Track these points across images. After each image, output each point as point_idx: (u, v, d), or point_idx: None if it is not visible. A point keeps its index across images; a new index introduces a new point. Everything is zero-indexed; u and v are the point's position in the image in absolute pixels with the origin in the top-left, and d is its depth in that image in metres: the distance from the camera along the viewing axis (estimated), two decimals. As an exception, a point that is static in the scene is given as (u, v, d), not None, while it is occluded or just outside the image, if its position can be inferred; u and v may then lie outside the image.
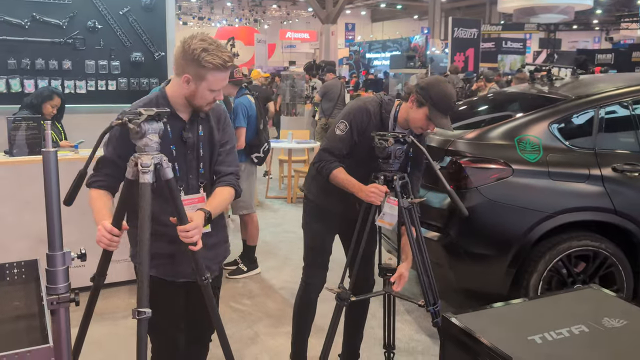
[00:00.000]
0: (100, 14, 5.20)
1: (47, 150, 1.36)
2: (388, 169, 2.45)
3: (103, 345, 3.32)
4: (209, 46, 1.92)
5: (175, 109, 2.04)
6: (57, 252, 1.39)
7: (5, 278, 1.60)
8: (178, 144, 2.04)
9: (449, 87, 2.51)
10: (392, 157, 2.41)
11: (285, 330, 3.59)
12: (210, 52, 1.91)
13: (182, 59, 1.96)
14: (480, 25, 16.28)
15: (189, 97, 2.00)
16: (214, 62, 1.91)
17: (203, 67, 1.92)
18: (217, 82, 1.98)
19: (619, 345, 1.75)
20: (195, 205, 2.05)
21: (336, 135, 2.62)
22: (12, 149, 3.91)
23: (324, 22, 18.66)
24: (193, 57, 1.91)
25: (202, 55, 1.90)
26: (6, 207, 3.79)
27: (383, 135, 2.39)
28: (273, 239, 5.63)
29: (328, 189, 2.72)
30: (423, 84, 2.48)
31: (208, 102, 2.03)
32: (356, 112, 2.61)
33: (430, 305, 2.48)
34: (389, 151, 2.39)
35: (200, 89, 1.97)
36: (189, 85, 1.97)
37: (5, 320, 1.37)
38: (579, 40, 30.81)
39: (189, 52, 1.92)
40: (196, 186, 2.10)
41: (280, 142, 7.59)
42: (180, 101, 2.03)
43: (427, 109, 2.45)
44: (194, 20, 30.62)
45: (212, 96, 2.01)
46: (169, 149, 1.99)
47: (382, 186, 2.41)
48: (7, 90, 4.97)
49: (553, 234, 3.27)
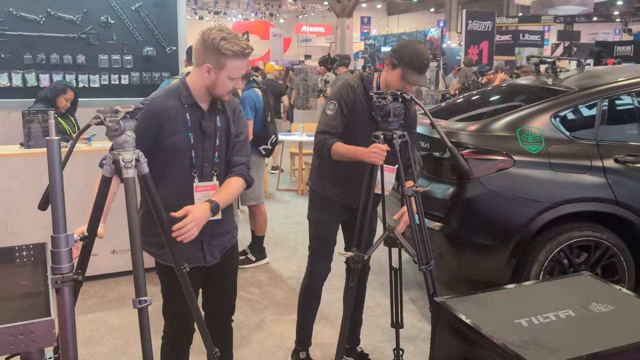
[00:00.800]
0: (113, 9, 5.32)
1: (50, 138, 1.44)
2: (388, 128, 2.44)
3: (120, 331, 3.46)
4: (227, 35, 2.02)
5: (196, 99, 2.13)
6: (61, 234, 1.48)
7: (15, 260, 1.70)
8: (196, 132, 2.13)
9: (420, 46, 2.60)
10: (391, 115, 2.40)
11: (292, 318, 3.69)
12: (229, 40, 2.01)
13: (202, 49, 2.05)
14: (495, 18, 16.14)
15: (210, 86, 2.09)
16: (233, 49, 2.00)
17: (223, 55, 2.01)
18: (237, 70, 2.06)
19: (602, 329, 1.80)
20: (208, 193, 2.14)
21: (328, 115, 2.69)
22: (28, 141, 4.04)
23: (340, 16, 18.63)
24: (213, 45, 2.00)
25: (221, 44, 1.99)
26: (22, 197, 3.93)
27: (381, 94, 2.42)
28: (282, 230, 5.72)
29: (331, 178, 2.78)
30: (395, 46, 2.60)
31: (228, 90, 2.11)
32: (341, 89, 2.70)
33: (422, 264, 2.44)
34: (387, 109, 2.39)
35: (220, 78, 2.06)
36: (209, 74, 2.06)
37: (13, 297, 1.47)
38: (599, 32, 30.34)
39: (208, 42, 2.02)
40: (210, 174, 2.18)
41: (292, 135, 7.66)
42: (200, 91, 2.12)
43: (400, 69, 2.55)
44: (210, 15, 30.79)
45: (231, 85, 2.09)
46: (187, 137, 2.10)
47: (382, 145, 2.40)
48: (23, 84, 5.12)
49: (554, 224, 3.30)
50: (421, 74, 2.57)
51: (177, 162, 2.12)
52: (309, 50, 26.47)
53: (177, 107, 2.11)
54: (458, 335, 1.87)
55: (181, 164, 2.13)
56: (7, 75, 5.05)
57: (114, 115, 1.73)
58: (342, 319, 2.72)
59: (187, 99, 2.12)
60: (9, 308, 1.40)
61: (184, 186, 2.13)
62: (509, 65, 15.98)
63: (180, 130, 2.09)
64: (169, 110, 2.09)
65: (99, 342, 3.30)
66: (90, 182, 1.98)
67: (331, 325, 3.58)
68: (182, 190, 2.12)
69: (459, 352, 1.86)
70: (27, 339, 1.20)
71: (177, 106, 2.11)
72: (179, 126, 2.10)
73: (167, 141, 2.09)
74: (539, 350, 1.66)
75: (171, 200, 2.05)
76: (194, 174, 2.13)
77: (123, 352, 3.21)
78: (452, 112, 4.17)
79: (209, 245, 2.24)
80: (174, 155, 2.11)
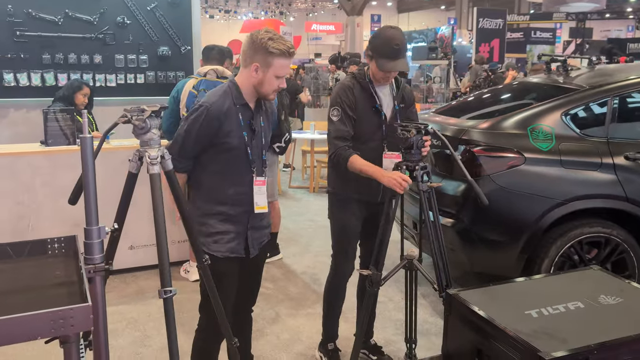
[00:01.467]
0: (129, 10, 5.42)
1: (84, 136, 1.53)
2: (411, 159, 2.53)
3: (139, 324, 3.56)
4: (274, 36, 2.17)
5: (245, 99, 2.26)
6: (94, 226, 1.57)
7: (47, 252, 1.78)
8: (248, 131, 2.26)
9: (389, 31, 2.68)
10: (414, 147, 2.50)
11: (305, 312, 3.77)
12: (276, 40, 2.16)
13: (250, 49, 2.19)
14: (506, 16, 16.10)
15: (257, 84, 2.22)
16: (280, 48, 2.15)
17: (271, 54, 2.15)
18: (283, 68, 2.20)
19: (611, 320, 1.86)
20: (261, 188, 2.32)
21: (334, 122, 2.77)
22: (47, 139, 4.14)
23: (350, 14, 18.65)
24: (261, 45, 2.15)
25: (269, 43, 2.14)
26: (43, 194, 4.03)
27: (405, 126, 2.51)
28: (295, 227, 5.80)
29: (346, 177, 2.84)
30: (370, 38, 2.71)
31: (274, 89, 2.24)
32: (339, 93, 2.79)
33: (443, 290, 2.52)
34: (411, 142, 2.49)
35: (267, 76, 2.19)
36: (257, 73, 2.19)
37: (49, 286, 1.56)
38: (612, 29, 30.10)
39: (257, 42, 2.16)
40: (261, 170, 2.34)
41: (303, 133, 7.74)
42: (248, 91, 2.25)
43: (375, 60, 2.66)
44: (220, 14, 30.91)
45: (277, 83, 2.22)
46: (241, 135, 2.24)
47: (405, 176, 2.48)
48: (42, 83, 5.24)
49: (565, 220, 3.34)
50: (395, 59, 2.64)
51: (234, 160, 2.25)
52: (319, 49, 26.50)
53: (231, 107, 2.23)
54: (470, 326, 1.94)
55: (239, 162, 2.26)
56: (26, 75, 5.17)
57: (140, 114, 1.82)
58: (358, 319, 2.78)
59: (238, 100, 2.24)
60: (47, 295, 1.48)
61: (242, 181, 2.27)
62: (520, 63, 15.94)
63: (235, 130, 2.22)
64: (226, 112, 2.21)
65: (119, 335, 3.40)
66: (108, 179, 2.07)
67: (345, 319, 3.64)
68: (241, 186, 2.27)
69: (471, 342, 1.93)
70: (66, 324, 1.28)
71: (231, 107, 2.23)
72: (234, 126, 2.22)
73: (224, 140, 2.21)
74: (548, 340, 1.72)
75: (235, 196, 2.26)
76: (253, 169, 2.28)
77: (142, 344, 3.31)
78: (463, 110, 4.21)
79: (252, 237, 2.37)
80: (231, 153, 2.24)
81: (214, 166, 2.24)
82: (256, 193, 2.29)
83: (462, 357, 1.99)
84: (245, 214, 2.31)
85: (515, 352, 1.72)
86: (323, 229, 5.70)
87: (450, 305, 2.04)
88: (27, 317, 1.26)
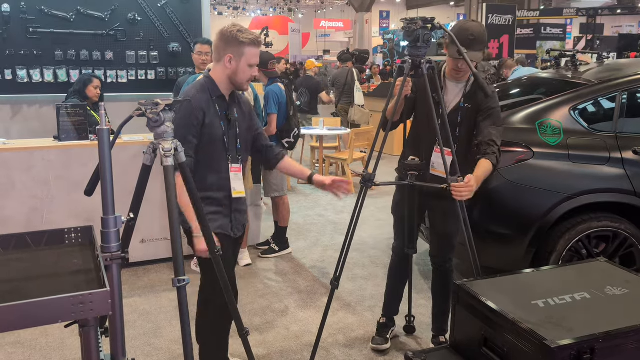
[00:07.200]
0: (140, 7, 5.47)
1: (101, 128, 1.57)
2: (416, 54, 2.51)
3: (152, 315, 3.62)
4: (242, 28, 2.38)
5: (221, 91, 2.43)
6: (110, 216, 1.61)
7: (65, 241, 1.84)
8: (224, 121, 2.44)
9: (468, 23, 2.75)
10: (420, 40, 2.47)
11: (314, 305, 3.81)
12: (244, 32, 2.37)
13: (222, 43, 2.37)
14: (516, 12, 16.02)
15: (232, 74, 2.39)
16: (250, 38, 2.36)
17: (242, 43, 2.34)
18: (254, 57, 2.39)
19: (617, 310, 1.88)
20: (237, 174, 2.49)
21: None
22: (60, 134, 4.20)
23: (358, 11, 18.67)
24: (232, 37, 2.34)
25: (239, 34, 2.34)
26: (57, 188, 4.10)
27: (412, 19, 2.51)
28: (304, 221, 5.84)
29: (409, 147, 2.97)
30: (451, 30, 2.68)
31: (247, 78, 2.43)
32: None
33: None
34: (417, 34, 2.47)
35: (241, 65, 2.37)
36: (231, 64, 2.36)
37: (68, 273, 1.61)
38: (623, 24, 29.88)
39: (228, 35, 2.35)
40: (236, 158, 2.50)
41: (312, 129, 7.77)
42: (223, 84, 2.43)
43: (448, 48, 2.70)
44: (229, 11, 31.00)
45: (250, 72, 2.41)
46: (219, 125, 2.41)
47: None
48: (55, 79, 5.30)
49: (573, 215, 3.37)
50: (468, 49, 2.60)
51: (215, 148, 2.42)
52: (327, 45, 26.54)
53: (209, 99, 2.40)
54: (477, 316, 1.97)
55: (219, 150, 2.43)
56: (39, 71, 5.24)
57: (154, 108, 1.86)
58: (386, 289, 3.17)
59: (214, 92, 2.42)
60: (66, 282, 1.53)
61: (221, 168, 2.45)
62: (530, 60, 15.85)
63: (214, 120, 2.39)
64: (207, 103, 2.38)
65: (132, 326, 3.46)
66: (118, 172, 2.10)
67: (352, 312, 3.69)
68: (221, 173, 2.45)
69: (477, 331, 1.96)
70: (86, 308, 1.33)
71: (209, 99, 2.40)
72: (213, 116, 2.39)
73: (208, 131, 2.38)
74: (554, 329, 1.75)
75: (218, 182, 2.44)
76: (228, 156, 2.45)
77: (154, 335, 3.36)
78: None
79: (236, 219, 2.56)
80: (213, 142, 2.40)
81: (198, 156, 2.39)
82: (233, 179, 2.47)
83: (469, 346, 2.02)
84: (227, 198, 2.49)
85: (522, 340, 1.75)
86: (332, 223, 5.74)
87: (458, 296, 2.07)
88: (49, 301, 1.31)
